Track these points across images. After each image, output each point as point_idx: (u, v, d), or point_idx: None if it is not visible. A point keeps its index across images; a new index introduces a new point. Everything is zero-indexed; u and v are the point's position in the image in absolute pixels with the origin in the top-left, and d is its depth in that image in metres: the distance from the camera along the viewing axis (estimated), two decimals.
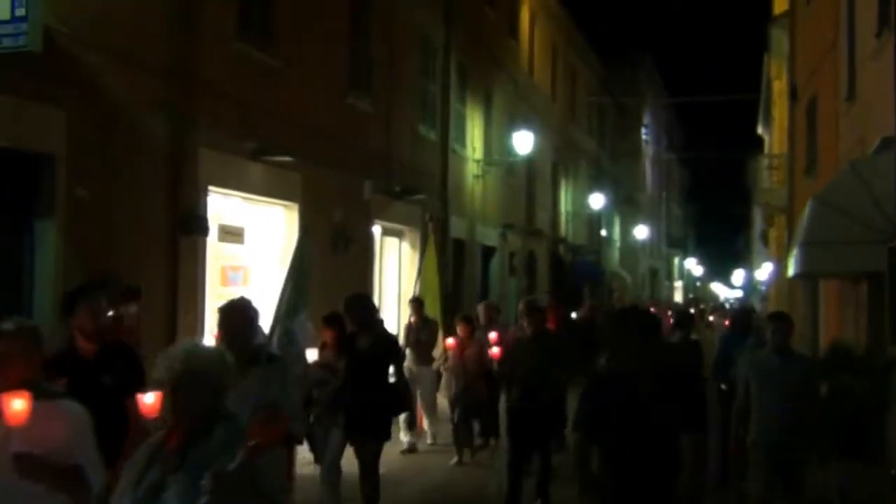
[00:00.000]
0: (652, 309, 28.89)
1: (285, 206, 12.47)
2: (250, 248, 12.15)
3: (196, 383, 3.33)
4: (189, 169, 10.10)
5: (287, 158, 11.67)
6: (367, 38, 14.85)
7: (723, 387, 8.73)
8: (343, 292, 13.57)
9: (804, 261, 8.82)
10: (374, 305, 8.38)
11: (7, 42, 6.81)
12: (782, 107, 23.52)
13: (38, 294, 8.02)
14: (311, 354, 7.80)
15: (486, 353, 10.68)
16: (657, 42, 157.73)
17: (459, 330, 11.33)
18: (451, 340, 11.42)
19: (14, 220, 7.97)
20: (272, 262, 12.38)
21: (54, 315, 7.35)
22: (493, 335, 10.96)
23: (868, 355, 8.43)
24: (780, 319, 6.78)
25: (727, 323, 13.40)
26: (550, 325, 10.98)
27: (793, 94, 18.97)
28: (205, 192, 10.45)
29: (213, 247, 10.94)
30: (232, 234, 11.77)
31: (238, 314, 5.41)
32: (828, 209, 8.38)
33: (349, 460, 7.70)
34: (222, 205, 11.20)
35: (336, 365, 7.67)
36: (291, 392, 5.54)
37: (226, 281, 11.72)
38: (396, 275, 16.96)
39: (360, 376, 7.41)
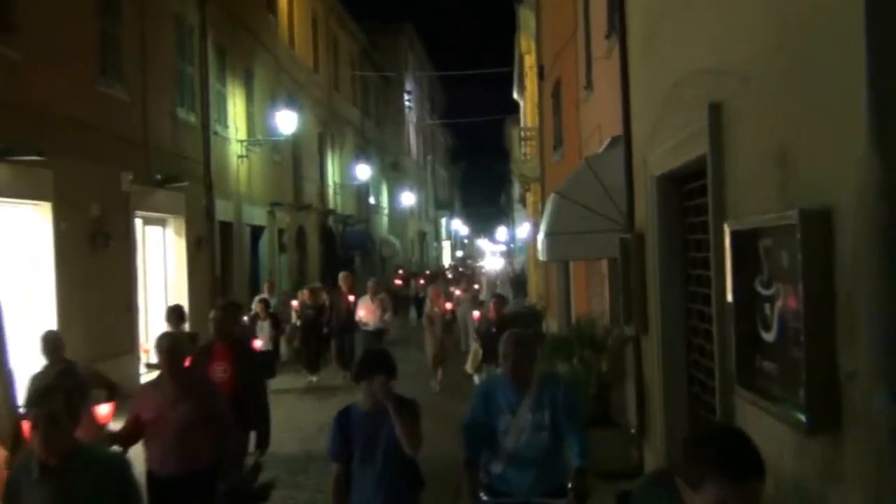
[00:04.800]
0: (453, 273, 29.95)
1: (36, 205, 11.87)
2: None
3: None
4: None
5: (34, 157, 11.08)
6: (116, 21, 14.24)
7: None
8: (106, 289, 13.28)
9: (551, 248, 9.60)
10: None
11: None
12: (533, 80, 24.74)
13: None
14: None
15: None
16: (417, 8, 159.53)
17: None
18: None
19: None
20: (22, 265, 11.79)
21: None
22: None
23: (607, 333, 9.34)
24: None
25: (493, 311, 12.83)
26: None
27: (540, 74, 20.08)
28: None
29: None
30: None
31: None
32: (567, 202, 9.17)
33: None
34: None
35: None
36: None
37: None
38: (162, 264, 16.56)
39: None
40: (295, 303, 17.30)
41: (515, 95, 37.94)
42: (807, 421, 3.35)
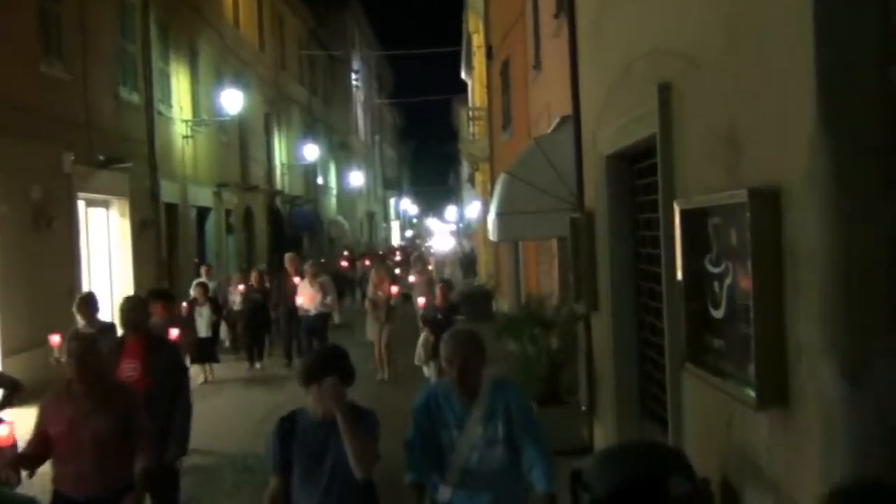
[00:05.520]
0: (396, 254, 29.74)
1: None
2: None
3: None
4: None
5: None
6: None
7: None
8: (49, 271, 13.00)
9: (502, 229, 9.63)
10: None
11: None
12: (481, 61, 24.72)
13: None
14: None
15: None
16: None
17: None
18: None
19: None
20: None
21: None
22: None
23: (557, 312, 9.42)
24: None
25: (440, 296, 11.81)
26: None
27: (488, 53, 20.07)
28: None
29: None
30: None
31: None
32: (518, 182, 9.19)
33: None
34: None
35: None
36: None
37: None
38: (106, 247, 16.27)
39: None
40: (241, 287, 16.66)
41: (463, 75, 37.90)
42: (756, 396, 3.41)
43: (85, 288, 14.71)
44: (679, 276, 4.39)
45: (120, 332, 7.09)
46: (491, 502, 4.30)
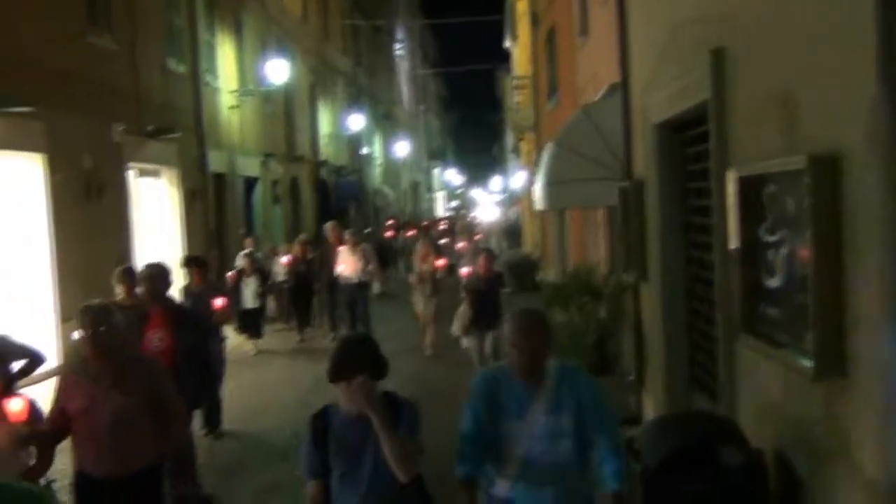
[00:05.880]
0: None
1: (29, 156, 11.76)
2: None
3: None
4: None
5: (25, 109, 10.95)
6: None
7: None
8: (101, 240, 13.21)
9: (549, 198, 9.55)
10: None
11: None
12: (525, 28, 24.49)
13: None
14: None
15: None
16: None
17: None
18: None
19: None
20: (17, 217, 11.73)
21: None
22: None
23: (605, 281, 9.37)
24: None
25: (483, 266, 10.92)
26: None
27: (534, 21, 19.85)
28: None
29: None
30: None
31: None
32: (565, 151, 9.11)
33: None
34: None
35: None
36: None
37: None
38: (156, 216, 16.47)
39: None
40: (286, 259, 16.36)
41: (507, 44, 37.58)
42: (813, 366, 3.36)
43: (137, 257, 14.95)
44: (733, 244, 4.32)
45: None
46: (554, 498, 3.88)
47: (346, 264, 14.08)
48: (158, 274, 6.68)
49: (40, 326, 11.42)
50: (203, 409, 8.15)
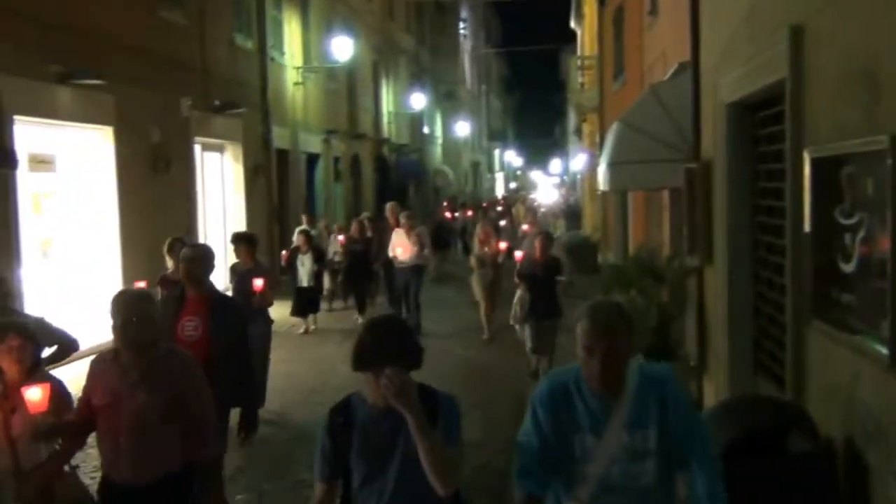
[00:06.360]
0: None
1: (99, 129, 12.00)
2: (62, 175, 11.71)
3: None
4: None
5: (96, 81, 11.17)
6: None
7: None
8: (167, 212, 13.44)
9: (613, 178, 9.43)
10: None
11: None
12: (592, 7, 24.20)
13: None
14: None
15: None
16: None
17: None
18: None
19: None
20: (86, 188, 12.00)
21: None
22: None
23: (668, 264, 9.21)
24: None
25: (539, 250, 10.49)
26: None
27: (601, 0, 19.60)
28: (10, 123, 9.93)
29: (23, 176, 10.49)
30: (43, 163, 11.32)
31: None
32: (631, 130, 8.97)
33: None
34: (30, 133, 10.68)
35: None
36: None
37: (40, 209, 11.34)
38: (220, 190, 16.72)
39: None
40: (341, 237, 15.84)
41: (573, 24, 37.17)
42: (890, 353, 3.25)
43: (200, 230, 15.18)
44: (807, 228, 4.21)
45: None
46: None
47: (402, 248, 13.71)
48: (199, 257, 6.10)
49: (106, 295, 11.70)
50: (241, 409, 7.66)
